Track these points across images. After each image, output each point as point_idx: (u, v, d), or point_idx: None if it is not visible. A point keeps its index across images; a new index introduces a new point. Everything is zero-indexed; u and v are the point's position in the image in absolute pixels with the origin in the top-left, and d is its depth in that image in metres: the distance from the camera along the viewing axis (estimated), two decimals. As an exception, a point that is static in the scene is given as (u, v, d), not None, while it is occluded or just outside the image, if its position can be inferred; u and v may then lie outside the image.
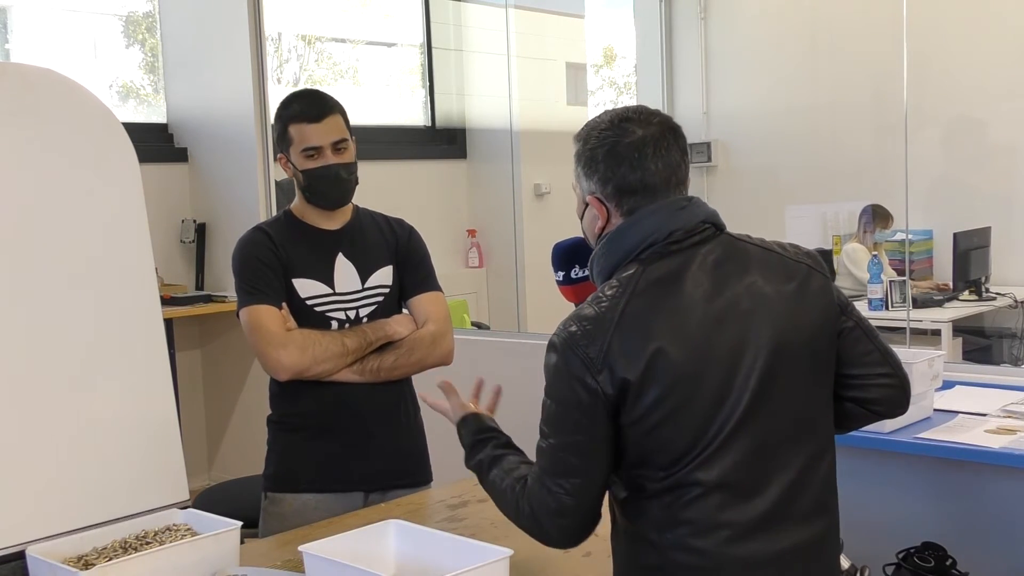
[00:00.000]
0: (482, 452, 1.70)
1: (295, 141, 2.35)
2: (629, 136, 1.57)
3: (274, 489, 2.41)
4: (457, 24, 6.33)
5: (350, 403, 2.37)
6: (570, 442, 1.51)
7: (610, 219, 1.60)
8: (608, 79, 7.55)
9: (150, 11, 5.34)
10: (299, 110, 2.36)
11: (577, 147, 1.63)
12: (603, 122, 1.61)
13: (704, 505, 1.49)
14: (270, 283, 2.33)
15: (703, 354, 1.49)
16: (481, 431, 1.75)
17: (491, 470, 1.66)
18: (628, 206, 1.58)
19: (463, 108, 6.26)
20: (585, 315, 1.52)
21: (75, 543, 1.68)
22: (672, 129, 1.60)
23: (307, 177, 2.36)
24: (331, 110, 2.36)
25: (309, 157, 2.34)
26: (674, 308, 1.51)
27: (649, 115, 1.60)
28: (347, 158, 2.37)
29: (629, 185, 1.57)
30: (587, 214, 1.64)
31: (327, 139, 2.34)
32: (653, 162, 1.56)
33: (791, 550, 1.52)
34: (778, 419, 1.52)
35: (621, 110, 1.62)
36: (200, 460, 5.24)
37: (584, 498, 1.53)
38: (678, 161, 1.59)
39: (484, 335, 4.72)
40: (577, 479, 1.52)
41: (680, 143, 1.60)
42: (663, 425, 1.48)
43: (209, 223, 5.17)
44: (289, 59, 5.95)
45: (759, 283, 1.55)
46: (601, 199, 1.60)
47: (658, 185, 1.57)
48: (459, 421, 1.79)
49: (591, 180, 1.60)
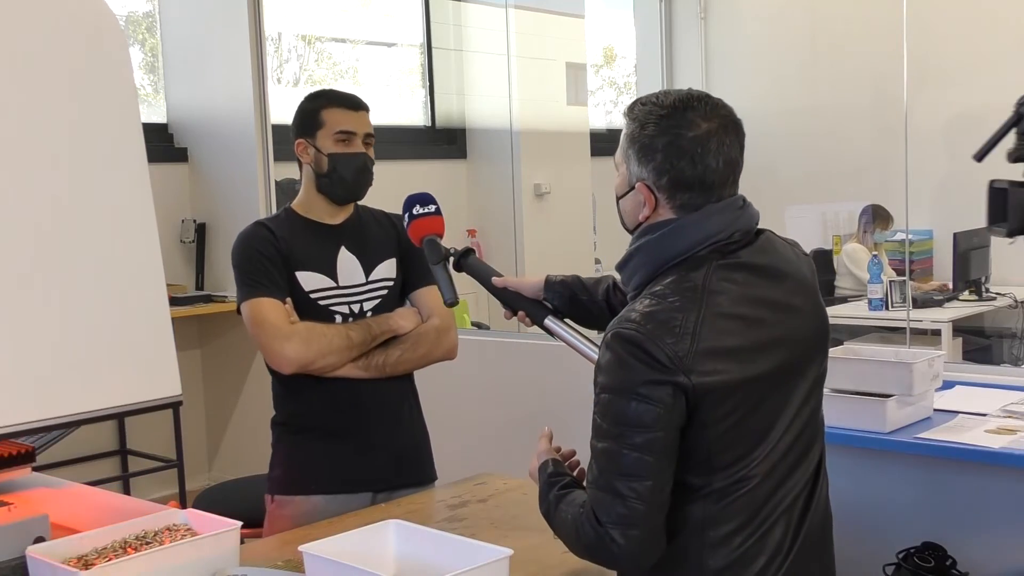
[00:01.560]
0: (551, 492, 1.64)
1: (327, 124, 2.37)
2: (692, 129, 1.52)
3: (281, 492, 2.40)
4: (457, 24, 6.33)
5: (355, 403, 2.37)
6: (650, 439, 1.45)
7: (657, 209, 1.57)
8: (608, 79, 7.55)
9: (150, 11, 5.34)
10: (337, 98, 2.41)
11: (631, 128, 1.57)
12: (663, 107, 1.55)
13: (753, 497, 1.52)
14: (271, 276, 2.32)
15: (773, 347, 1.53)
16: (555, 475, 1.68)
17: (558, 505, 1.61)
18: (681, 200, 1.55)
19: (463, 108, 6.27)
20: (660, 311, 1.49)
21: (75, 544, 1.67)
22: (734, 123, 1.57)
23: (334, 160, 2.36)
24: (366, 107, 2.44)
25: (341, 141, 2.36)
26: (749, 305, 1.53)
27: (713, 106, 1.55)
28: (372, 155, 2.43)
29: (686, 180, 1.54)
30: (631, 197, 1.60)
31: (362, 128, 2.39)
32: (714, 159, 1.53)
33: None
34: (815, 407, 1.63)
35: (684, 95, 1.56)
36: (200, 460, 5.24)
37: (653, 506, 1.47)
38: (737, 158, 1.57)
39: (484, 335, 4.72)
40: (649, 481, 1.46)
41: (740, 138, 1.57)
42: (739, 425, 1.50)
43: (209, 223, 5.17)
44: (289, 59, 5.96)
45: (799, 279, 1.62)
46: (652, 188, 1.56)
47: (716, 183, 1.54)
48: (541, 464, 1.72)
49: (644, 167, 1.55)
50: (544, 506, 1.64)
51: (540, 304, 1.97)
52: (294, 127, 2.44)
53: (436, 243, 2.04)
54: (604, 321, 1.68)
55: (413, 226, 2.06)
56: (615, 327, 1.50)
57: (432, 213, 2.06)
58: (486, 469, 2.51)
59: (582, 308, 1.97)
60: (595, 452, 1.51)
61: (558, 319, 1.95)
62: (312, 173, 2.40)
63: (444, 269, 2.01)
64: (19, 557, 1.66)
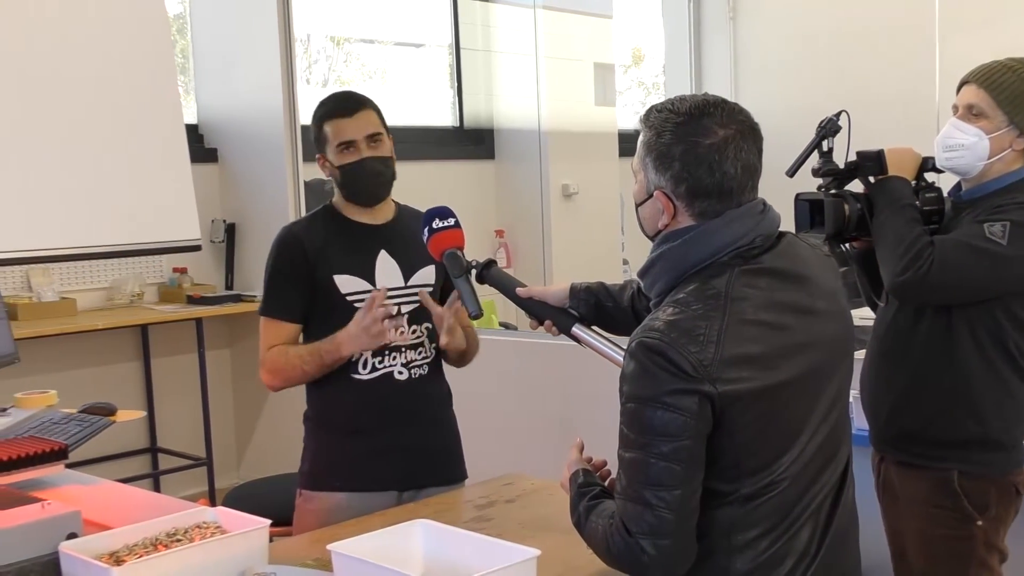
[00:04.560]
0: (581, 503, 1.64)
1: (330, 138, 2.38)
2: (709, 136, 1.52)
3: (309, 487, 2.42)
4: (485, 25, 6.33)
5: (383, 402, 2.38)
6: (677, 448, 1.45)
7: (676, 217, 1.56)
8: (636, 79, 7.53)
9: (180, 13, 5.38)
10: (332, 107, 2.40)
11: (647, 136, 1.57)
12: (679, 114, 1.54)
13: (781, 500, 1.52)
14: (283, 293, 2.39)
15: (798, 352, 1.53)
16: (585, 485, 1.67)
17: (588, 516, 1.60)
18: (700, 208, 1.54)
19: (491, 108, 6.27)
20: (683, 319, 1.48)
21: (107, 540, 1.69)
22: (752, 128, 1.56)
23: (343, 173, 2.38)
24: (363, 105, 2.40)
25: (344, 152, 2.36)
26: (773, 310, 1.52)
27: (730, 112, 1.54)
28: (382, 152, 2.39)
29: (704, 188, 1.53)
30: (649, 205, 1.59)
31: (361, 132, 2.36)
32: (732, 165, 1.52)
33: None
34: (842, 410, 1.64)
35: (700, 102, 1.55)
36: (229, 459, 5.28)
37: (682, 514, 1.47)
38: (755, 163, 1.55)
39: (511, 335, 4.72)
40: (678, 490, 1.45)
41: (758, 143, 1.56)
42: (766, 431, 1.50)
43: (239, 223, 5.20)
44: (318, 60, 5.98)
45: (822, 282, 1.62)
46: (670, 196, 1.55)
47: (734, 189, 1.54)
48: (572, 475, 1.71)
49: (662, 175, 1.55)
50: (575, 517, 1.64)
51: (566, 312, 1.97)
52: (312, 143, 2.46)
53: (457, 256, 2.04)
54: (630, 327, 1.68)
55: (433, 240, 2.07)
56: (639, 336, 1.50)
57: (452, 227, 2.07)
58: (514, 469, 2.51)
59: (607, 315, 1.97)
60: (623, 462, 1.51)
61: (585, 327, 1.96)
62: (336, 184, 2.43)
63: (467, 282, 2.02)
64: (52, 553, 1.67)
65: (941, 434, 2.26)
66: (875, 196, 2.30)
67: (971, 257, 2.17)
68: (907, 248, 2.17)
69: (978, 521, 2.24)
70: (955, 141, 2.25)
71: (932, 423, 2.27)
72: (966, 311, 2.23)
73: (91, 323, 4.55)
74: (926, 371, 2.26)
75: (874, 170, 2.32)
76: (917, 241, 2.18)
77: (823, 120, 2.38)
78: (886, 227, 2.24)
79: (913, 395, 2.29)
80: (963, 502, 2.24)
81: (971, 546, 2.25)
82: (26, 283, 4.65)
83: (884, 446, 2.38)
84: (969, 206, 2.28)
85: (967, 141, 2.23)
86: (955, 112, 2.29)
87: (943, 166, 2.30)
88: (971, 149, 2.23)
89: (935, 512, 2.27)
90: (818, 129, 2.37)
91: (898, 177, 2.29)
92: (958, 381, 2.24)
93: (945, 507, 2.25)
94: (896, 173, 2.29)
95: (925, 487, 2.28)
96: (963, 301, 2.22)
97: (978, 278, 2.18)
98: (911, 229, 2.20)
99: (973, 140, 2.23)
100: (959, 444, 2.25)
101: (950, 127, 2.27)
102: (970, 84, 2.26)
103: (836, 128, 2.35)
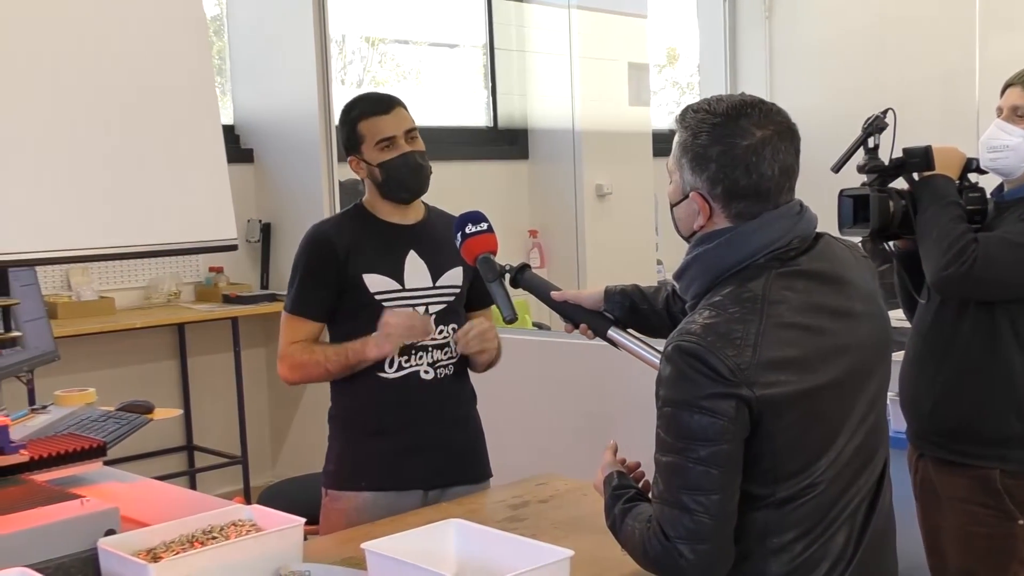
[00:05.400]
0: (616, 506, 1.63)
1: (367, 137, 2.39)
2: (746, 137, 1.50)
3: (334, 486, 2.43)
4: (519, 25, 6.33)
5: (407, 401, 2.39)
6: (715, 452, 1.44)
7: (712, 218, 1.55)
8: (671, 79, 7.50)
9: (217, 14, 5.43)
10: (367, 107, 2.42)
11: (684, 136, 1.56)
12: (716, 114, 1.53)
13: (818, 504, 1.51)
14: (309, 292, 2.40)
15: (835, 355, 1.52)
16: (620, 487, 1.66)
17: (624, 519, 1.59)
18: (737, 209, 1.53)
19: (525, 109, 6.27)
20: (720, 323, 1.47)
21: (144, 537, 1.71)
22: (789, 129, 1.54)
23: (385, 169, 2.39)
24: (397, 103, 2.43)
25: (385, 148, 2.38)
26: (810, 313, 1.51)
27: (767, 112, 1.53)
28: (419, 147, 2.42)
29: (741, 189, 1.51)
30: (685, 206, 1.58)
31: (400, 128, 2.39)
32: (769, 167, 1.51)
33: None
34: (880, 413, 1.63)
35: (737, 102, 1.54)
36: (264, 458, 5.32)
37: (720, 519, 1.46)
38: (792, 164, 1.54)
39: (545, 335, 4.71)
40: (716, 494, 1.45)
41: (795, 144, 1.55)
42: (803, 434, 1.49)
43: (274, 223, 5.24)
44: (353, 61, 6.01)
45: (859, 284, 1.60)
46: (706, 197, 1.54)
47: (771, 191, 1.52)
48: (606, 477, 1.70)
49: (698, 176, 1.54)
50: (610, 520, 1.63)
51: (601, 316, 1.96)
52: (342, 145, 2.47)
53: (491, 261, 2.04)
54: (665, 330, 1.67)
55: (466, 245, 2.07)
56: (675, 339, 1.49)
57: (484, 231, 2.07)
58: (547, 470, 2.51)
59: (642, 317, 1.96)
60: (659, 466, 1.50)
61: (620, 329, 1.95)
62: (371, 183, 2.43)
63: (501, 286, 2.02)
64: (91, 549, 1.69)
65: (983, 429, 2.26)
66: (920, 193, 2.31)
67: (1014, 253, 2.18)
68: (951, 244, 2.19)
69: (1020, 520, 2.23)
70: (1000, 142, 2.27)
71: (974, 419, 2.26)
72: (1009, 307, 2.24)
73: (129, 322, 4.61)
74: (968, 367, 2.27)
75: (920, 167, 2.34)
76: (962, 237, 2.19)
77: (869, 117, 2.39)
78: (931, 223, 2.25)
79: (955, 391, 2.29)
80: (1005, 501, 2.23)
81: (1012, 545, 2.24)
82: (66, 282, 4.72)
83: (924, 443, 2.36)
84: (1012, 206, 2.29)
85: (1012, 142, 2.25)
86: (999, 114, 2.30)
87: (987, 167, 2.31)
88: (1016, 150, 2.25)
89: (976, 510, 2.26)
90: (864, 126, 2.38)
91: (943, 175, 2.31)
92: (1000, 377, 2.24)
93: (986, 505, 2.25)
94: (941, 171, 2.30)
95: (966, 485, 2.27)
96: (1006, 297, 2.23)
97: (1021, 274, 2.19)
98: (956, 225, 2.22)
99: (1018, 141, 2.25)
100: (1001, 441, 2.24)
101: (995, 128, 2.28)
102: (1015, 86, 2.29)
103: (882, 125, 2.38)
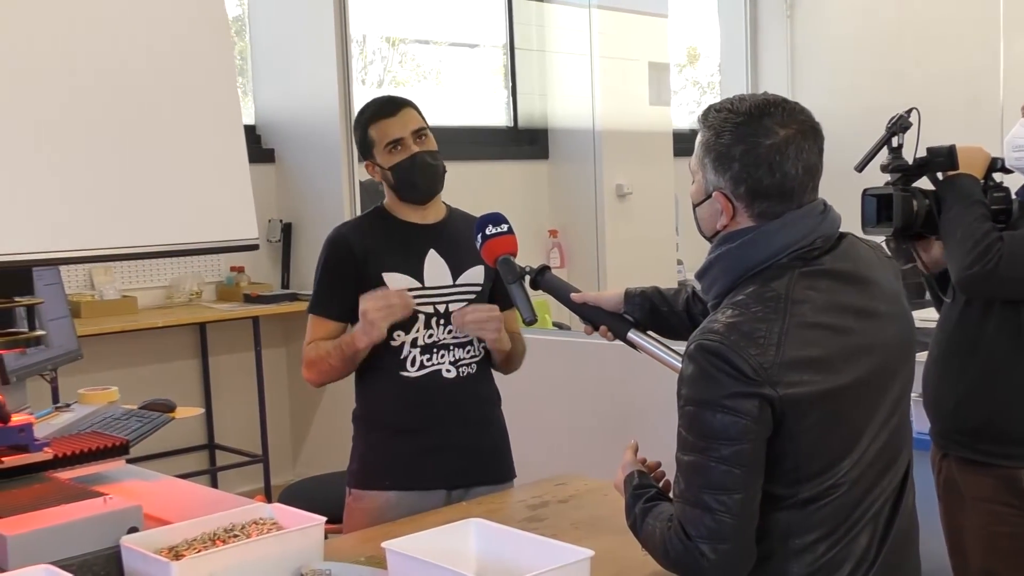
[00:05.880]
0: (637, 505, 1.62)
1: (377, 140, 2.40)
2: (770, 137, 1.50)
3: (359, 486, 2.44)
4: (540, 25, 6.33)
5: (430, 401, 2.39)
6: (737, 451, 1.43)
7: (735, 218, 1.55)
8: (691, 79, 7.48)
9: (239, 15, 5.45)
10: (374, 111, 2.44)
11: (706, 136, 1.55)
12: (739, 114, 1.52)
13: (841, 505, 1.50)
14: (330, 293, 2.44)
15: (859, 355, 1.51)
16: (640, 487, 1.66)
17: (644, 518, 1.59)
18: (760, 209, 1.53)
19: (545, 108, 6.27)
20: (743, 322, 1.46)
21: (166, 534, 1.72)
22: (813, 128, 1.54)
23: (395, 172, 2.40)
24: (404, 104, 2.44)
25: (393, 151, 2.39)
26: (834, 313, 1.51)
27: (790, 111, 1.53)
28: (430, 146, 2.42)
29: (764, 189, 1.51)
30: (708, 206, 1.58)
31: (407, 129, 2.40)
32: (793, 166, 1.50)
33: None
34: (903, 414, 1.62)
35: (760, 101, 1.53)
36: (285, 456, 5.34)
37: (742, 518, 1.45)
38: (816, 163, 1.53)
39: (565, 335, 4.70)
40: (738, 494, 1.44)
41: (819, 143, 1.54)
42: (827, 435, 1.48)
43: (295, 223, 5.26)
44: (373, 61, 6.03)
45: (883, 284, 1.59)
46: (730, 197, 1.54)
47: (795, 190, 1.52)
48: (626, 476, 1.70)
49: (721, 176, 1.53)
50: (630, 519, 1.63)
51: (621, 318, 1.96)
52: (357, 151, 2.49)
53: (511, 262, 2.05)
54: (685, 332, 1.66)
55: (487, 247, 2.08)
56: (698, 338, 1.48)
57: (505, 232, 2.08)
58: (567, 470, 2.51)
59: (662, 319, 1.96)
60: (681, 465, 1.49)
61: (640, 331, 1.95)
62: (387, 186, 2.45)
63: (521, 288, 2.02)
64: (114, 546, 1.71)
65: (1008, 429, 2.24)
66: (944, 192, 2.30)
67: None
68: (976, 242, 2.18)
69: None
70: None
71: (998, 418, 2.25)
72: None
73: (151, 321, 4.64)
74: (993, 366, 2.25)
75: (944, 166, 2.33)
76: (986, 236, 2.18)
77: (893, 116, 2.38)
78: (955, 222, 2.24)
79: (980, 390, 2.27)
80: None
81: None
82: (89, 281, 4.76)
83: (948, 442, 2.35)
84: None
85: None
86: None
87: (1012, 166, 2.29)
88: None
89: (999, 510, 2.25)
90: (888, 125, 2.37)
91: (967, 175, 2.29)
92: None
93: (1011, 505, 2.24)
94: (965, 171, 2.29)
95: (990, 484, 2.26)
96: None
97: None
98: (980, 224, 2.20)
99: None
100: None
101: (1020, 127, 2.27)
102: None
103: (906, 124, 2.36)
